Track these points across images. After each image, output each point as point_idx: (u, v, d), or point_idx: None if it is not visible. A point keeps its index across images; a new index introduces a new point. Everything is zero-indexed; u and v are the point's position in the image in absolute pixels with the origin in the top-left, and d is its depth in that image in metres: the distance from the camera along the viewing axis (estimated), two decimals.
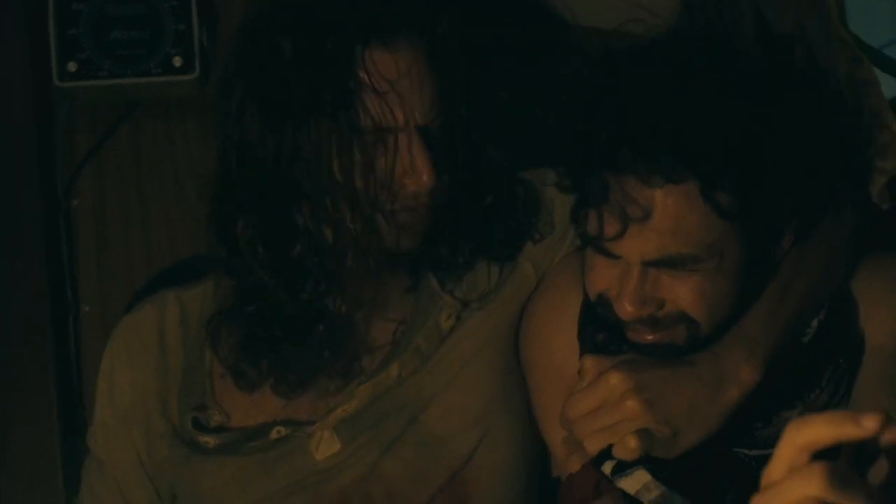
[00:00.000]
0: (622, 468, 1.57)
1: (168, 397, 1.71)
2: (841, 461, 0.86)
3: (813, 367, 1.58)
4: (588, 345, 1.63)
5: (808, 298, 1.58)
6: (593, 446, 1.53)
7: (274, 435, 1.65)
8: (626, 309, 1.50)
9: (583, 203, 1.52)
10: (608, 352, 1.58)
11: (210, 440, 1.67)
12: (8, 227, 1.99)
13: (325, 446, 1.64)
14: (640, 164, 1.44)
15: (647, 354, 1.55)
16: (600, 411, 1.51)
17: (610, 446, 1.53)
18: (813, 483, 0.84)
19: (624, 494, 1.57)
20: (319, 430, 1.65)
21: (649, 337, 1.53)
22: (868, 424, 0.85)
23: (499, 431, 1.67)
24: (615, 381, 1.51)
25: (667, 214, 1.45)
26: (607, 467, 1.56)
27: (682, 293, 1.50)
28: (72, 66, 1.97)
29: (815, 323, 1.60)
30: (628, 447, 1.51)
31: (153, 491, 1.71)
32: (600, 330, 1.61)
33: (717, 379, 1.52)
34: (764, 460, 1.47)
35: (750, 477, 1.57)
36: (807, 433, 0.86)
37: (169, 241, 2.07)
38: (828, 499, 0.84)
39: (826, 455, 0.86)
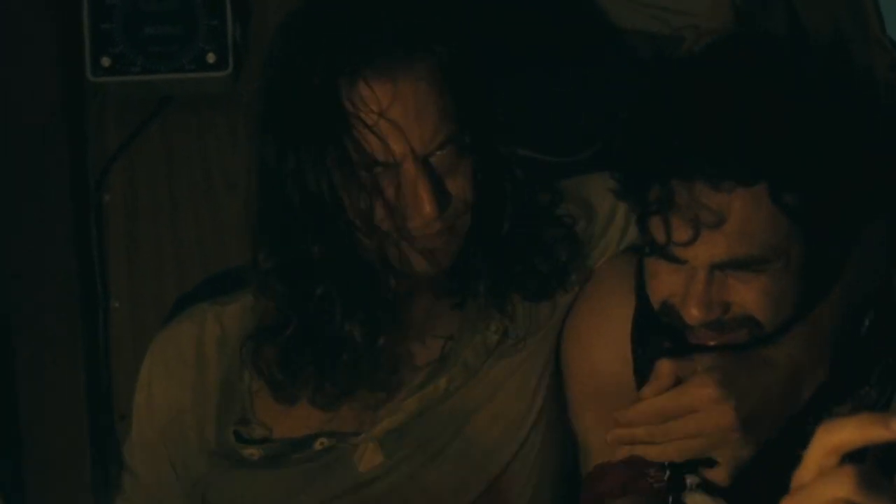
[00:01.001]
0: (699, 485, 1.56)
1: (205, 414, 1.69)
2: (868, 463, 0.86)
3: (863, 365, 1.58)
4: (650, 351, 1.61)
5: (861, 297, 1.58)
6: (680, 454, 1.51)
7: (317, 446, 1.64)
8: (692, 314, 1.50)
9: (646, 211, 1.51)
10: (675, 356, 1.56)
11: (255, 451, 1.65)
12: (39, 223, 1.99)
13: (370, 458, 1.63)
14: (711, 170, 1.44)
15: None
16: (689, 419, 1.49)
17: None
18: (843, 485, 0.85)
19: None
20: (364, 441, 1.64)
21: (712, 342, 1.52)
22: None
23: (536, 438, 1.67)
24: (705, 388, 1.48)
25: (737, 218, 1.45)
26: (692, 480, 1.55)
27: (749, 295, 1.49)
28: (105, 61, 1.97)
29: (866, 321, 1.60)
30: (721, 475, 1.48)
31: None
32: (658, 335, 1.59)
33: (796, 383, 1.52)
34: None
35: None
36: (837, 436, 0.86)
37: (198, 237, 2.06)
38: (857, 501, 0.85)
39: (853, 457, 0.86)
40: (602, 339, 1.67)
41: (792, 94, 1.47)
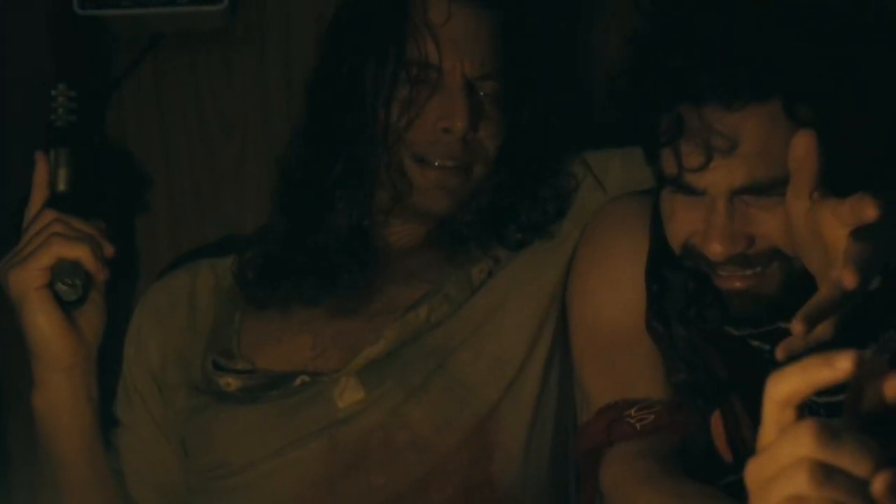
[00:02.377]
0: None
1: (191, 353, 1.71)
2: (844, 416, 0.83)
3: (887, 306, 1.52)
4: (668, 286, 1.57)
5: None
6: None
7: (298, 383, 1.63)
8: (715, 249, 1.45)
9: (655, 143, 1.47)
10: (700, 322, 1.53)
11: (231, 381, 1.66)
12: (26, 165, 1.89)
13: (349, 394, 1.62)
14: (721, 89, 1.40)
15: (741, 309, 1.49)
16: None
17: None
18: (802, 444, 0.81)
19: None
20: (344, 375, 1.62)
21: (739, 284, 1.47)
22: (841, 365, 0.81)
23: (527, 378, 1.65)
24: None
25: (753, 138, 1.41)
26: None
27: (772, 223, 1.44)
28: None
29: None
30: None
31: (180, 449, 1.70)
32: (676, 272, 1.54)
33: None
34: (833, 407, 1.48)
35: None
36: (783, 387, 0.83)
37: (191, 178, 2.00)
38: (821, 458, 0.80)
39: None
40: (605, 281, 1.63)
41: (800, 4, 1.42)
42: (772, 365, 1.53)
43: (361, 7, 1.68)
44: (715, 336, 1.55)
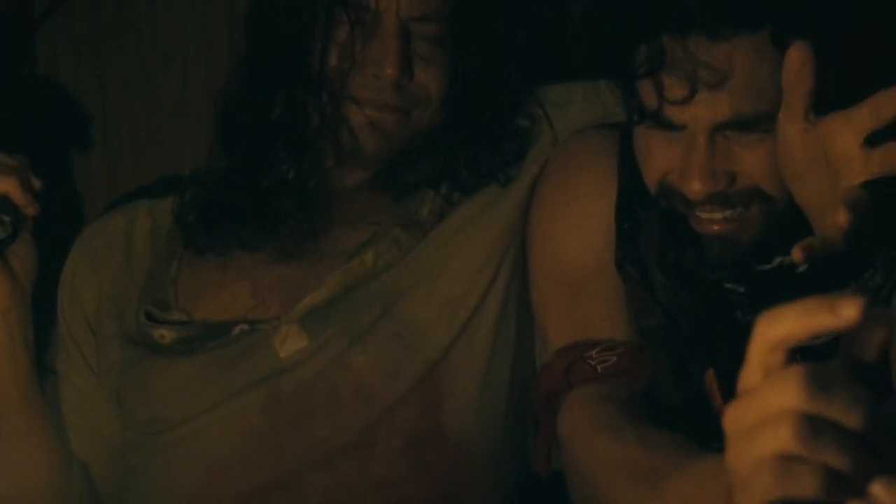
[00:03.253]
0: None
1: (127, 303, 1.66)
2: (833, 362, 0.77)
3: (867, 247, 1.44)
4: (641, 226, 1.51)
5: None
6: None
7: (236, 331, 1.58)
8: (694, 187, 1.38)
9: (632, 75, 1.39)
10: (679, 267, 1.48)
11: (166, 333, 1.60)
12: None
13: (291, 342, 1.56)
14: (708, 18, 1.32)
15: (720, 254, 1.43)
16: None
17: None
18: (789, 394, 0.75)
19: None
20: (286, 323, 1.57)
21: (717, 227, 1.41)
22: (846, 312, 0.75)
23: (481, 322, 1.60)
24: None
25: (740, 70, 1.34)
26: None
27: (754, 161, 1.38)
28: None
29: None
30: None
31: (116, 402, 1.64)
32: (649, 211, 1.49)
33: None
34: (808, 352, 1.37)
35: None
36: (778, 328, 0.77)
37: (129, 118, 1.92)
38: (808, 410, 0.75)
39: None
40: (567, 219, 1.57)
41: None
42: (745, 308, 1.49)
43: None
44: (690, 279, 1.50)
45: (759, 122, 1.35)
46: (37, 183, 1.55)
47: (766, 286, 1.47)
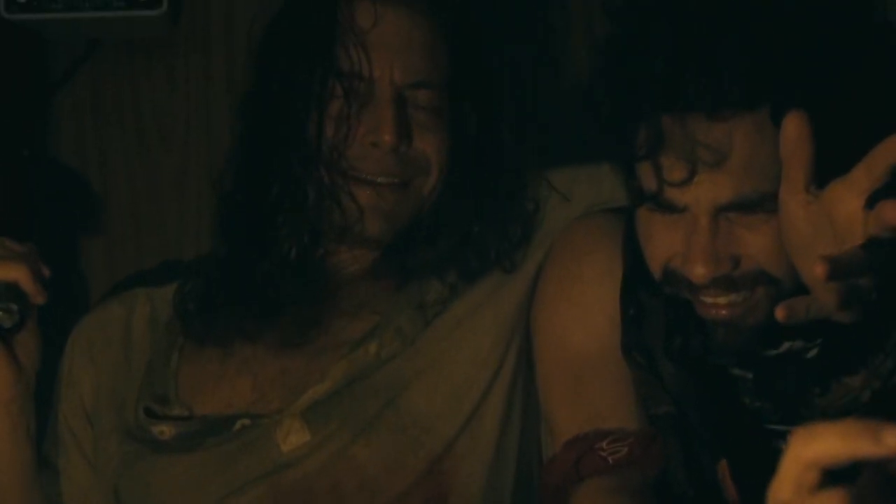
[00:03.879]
0: None
1: (125, 394, 1.63)
2: (861, 482, 0.76)
3: (877, 331, 1.44)
4: (647, 313, 1.50)
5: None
6: None
7: (237, 427, 1.55)
8: (698, 271, 1.36)
9: (632, 156, 1.37)
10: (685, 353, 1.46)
11: (166, 429, 1.57)
12: None
13: (294, 436, 1.53)
14: (707, 97, 1.31)
15: (726, 339, 1.40)
16: None
17: None
18: None
19: None
20: (288, 417, 1.54)
21: (724, 312, 1.38)
22: (891, 441, 0.74)
23: (486, 413, 1.57)
24: None
25: (740, 150, 1.32)
26: None
27: (758, 243, 1.36)
28: None
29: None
30: None
31: (114, 498, 1.61)
32: (655, 297, 1.47)
33: None
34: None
35: None
36: (815, 447, 0.76)
37: (130, 197, 1.91)
38: None
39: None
40: (572, 305, 1.55)
41: (789, 2, 1.34)
42: (753, 394, 1.46)
43: (291, 16, 1.61)
44: (697, 366, 1.48)
45: (762, 203, 1.33)
46: (46, 270, 1.53)
47: (774, 372, 1.45)
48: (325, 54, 1.55)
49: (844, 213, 1.14)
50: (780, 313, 1.13)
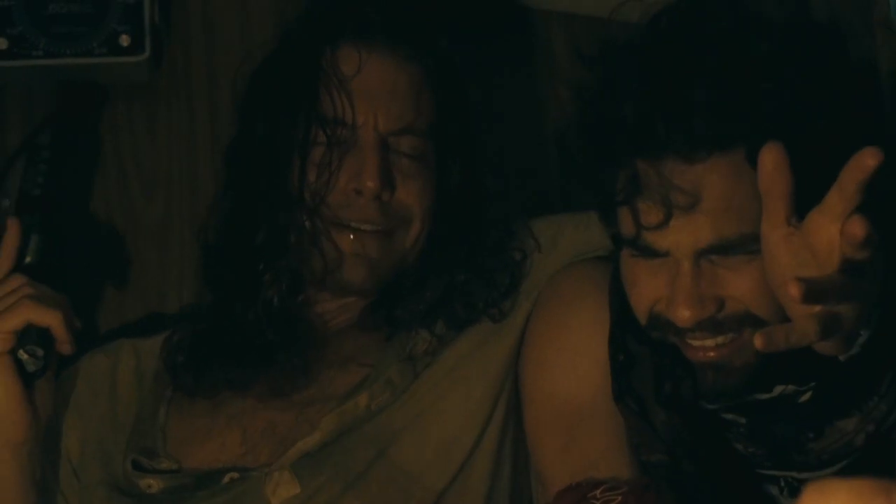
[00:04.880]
0: None
1: (112, 447, 1.62)
2: None
3: (871, 374, 1.42)
4: (635, 359, 1.48)
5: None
6: None
7: (226, 480, 1.53)
8: (683, 314, 1.35)
9: (609, 202, 1.38)
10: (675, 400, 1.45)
11: (153, 483, 1.55)
12: None
13: (283, 489, 1.51)
14: (679, 141, 1.31)
15: (715, 382, 1.39)
16: None
17: None
18: None
19: None
20: (278, 469, 1.52)
21: (712, 354, 1.38)
22: None
23: (477, 463, 1.55)
24: None
25: (716, 192, 1.33)
26: None
27: (742, 284, 1.36)
28: (2, 43, 1.81)
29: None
30: None
31: None
32: (643, 345, 1.46)
33: None
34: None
35: None
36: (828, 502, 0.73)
37: (111, 245, 1.87)
38: None
39: None
40: (561, 353, 1.54)
41: (755, 46, 1.34)
42: (746, 440, 1.45)
43: (276, 62, 1.61)
44: (688, 412, 1.46)
45: (743, 245, 1.33)
46: (77, 322, 1.53)
47: (767, 417, 1.44)
48: (308, 100, 1.55)
49: (824, 240, 1.14)
50: (758, 341, 1.12)
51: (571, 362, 1.52)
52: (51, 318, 1.50)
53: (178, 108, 1.88)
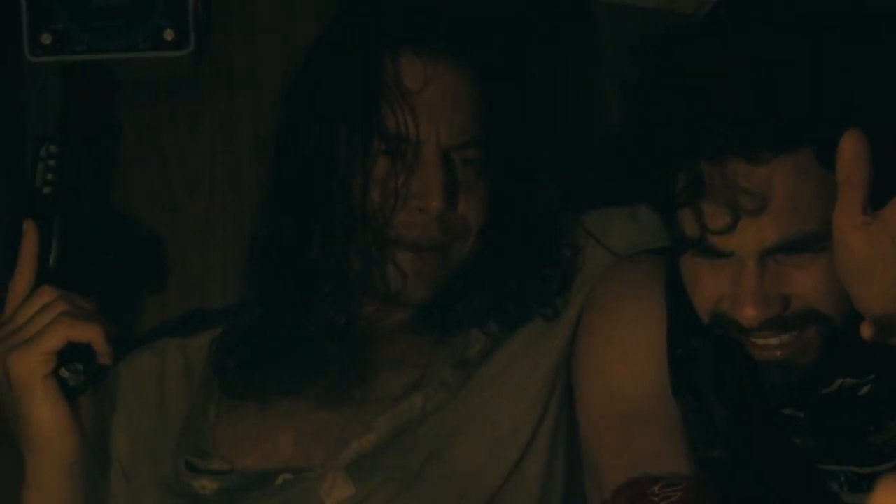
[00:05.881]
0: None
1: (162, 447, 1.60)
2: None
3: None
4: (697, 353, 1.46)
5: None
6: None
7: (279, 482, 1.51)
8: (748, 314, 1.34)
9: (671, 204, 1.36)
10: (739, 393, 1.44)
11: (207, 484, 1.53)
12: None
13: (338, 491, 1.49)
14: (745, 142, 1.29)
15: (780, 379, 1.39)
16: None
17: None
18: None
19: None
20: (332, 470, 1.51)
21: (777, 353, 1.37)
22: None
23: (531, 461, 1.54)
24: None
25: (783, 193, 1.31)
26: None
27: (807, 282, 1.34)
28: (45, 39, 1.79)
29: None
30: None
31: None
32: (703, 340, 1.44)
33: None
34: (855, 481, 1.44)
35: None
36: None
37: (153, 242, 1.87)
38: None
39: None
40: (616, 350, 1.53)
41: (819, 39, 1.32)
42: (806, 434, 1.44)
43: (328, 68, 1.56)
44: (748, 407, 1.46)
45: (808, 243, 1.32)
46: (112, 330, 1.47)
47: (827, 410, 1.43)
48: (369, 113, 1.51)
49: None
50: (865, 331, 1.12)
51: (626, 357, 1.51)
52: (91, 334, 1.44)
53: (221, 102, 1.87)
